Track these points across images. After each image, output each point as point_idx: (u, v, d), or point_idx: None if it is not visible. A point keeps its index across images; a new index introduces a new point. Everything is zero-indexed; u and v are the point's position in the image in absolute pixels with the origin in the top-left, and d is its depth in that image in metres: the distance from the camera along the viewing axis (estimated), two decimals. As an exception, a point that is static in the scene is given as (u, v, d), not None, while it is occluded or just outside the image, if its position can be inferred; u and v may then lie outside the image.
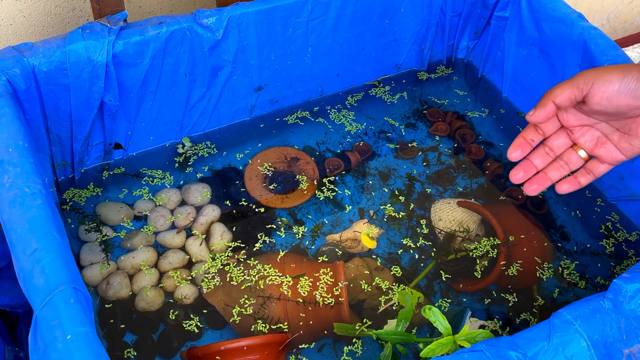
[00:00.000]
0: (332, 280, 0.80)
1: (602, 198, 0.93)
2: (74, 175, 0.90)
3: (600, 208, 0.92)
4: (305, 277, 0.80)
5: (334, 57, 0.98)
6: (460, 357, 0.54)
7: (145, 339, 0.76)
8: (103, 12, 0.82)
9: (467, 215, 0.89)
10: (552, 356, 0.54)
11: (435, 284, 0.83)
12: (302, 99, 1.03)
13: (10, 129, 0.65)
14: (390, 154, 0.99)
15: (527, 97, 1.03)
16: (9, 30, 0.95)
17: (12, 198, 0.59)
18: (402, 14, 0.99)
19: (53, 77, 0.76)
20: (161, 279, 0.81)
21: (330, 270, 0.81)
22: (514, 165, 0.63)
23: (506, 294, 0.83)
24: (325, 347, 0.77)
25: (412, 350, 0.75)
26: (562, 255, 0.87)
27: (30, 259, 0.54)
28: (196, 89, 0.90)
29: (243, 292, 0.79)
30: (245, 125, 1.00)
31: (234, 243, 0.85)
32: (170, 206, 0.89)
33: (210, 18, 0.83)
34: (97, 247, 0.83)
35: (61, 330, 0.50)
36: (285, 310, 0.77)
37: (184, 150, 0.95)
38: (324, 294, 0.79)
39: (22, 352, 0.76)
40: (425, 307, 0.66)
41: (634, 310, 0.57)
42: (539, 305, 0.82)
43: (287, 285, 0.79)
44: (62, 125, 0.82)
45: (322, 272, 0.81)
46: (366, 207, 0.91)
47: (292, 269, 0.81)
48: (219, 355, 0.69)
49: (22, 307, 0.77)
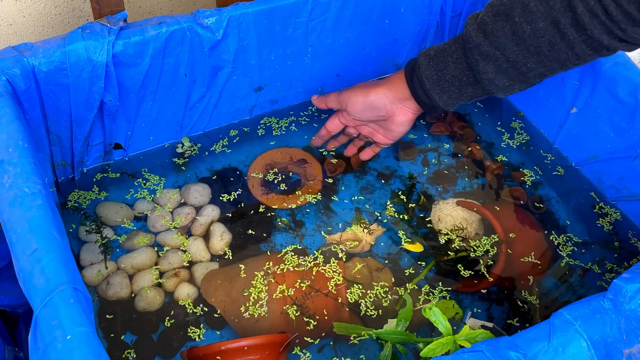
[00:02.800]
0: (331, 280, 0.80)
1: (602, 198, 0.93)
2: (74, 175, 0.90)
3: (600, 208, 0.92)
4: (305, 278, 0.80)
5: (334, 57, 0.98)
6: (460, 357, 0.54)
7: (145, 339, 0.76)
8: (103, 12, 0.82)
9: (467, 215, 0.89)
10: (552, 356, 0.54)
11: (436, 284, 0.83)
12: (302, 99, 1.03)
13: (10, 129, 0.65)
14: (390, 154, 0.99)
15: (527, 97, 1.03)
16: (9, 30, 0.95)
17: (12, 198, 0.59)
18: (402, 14, 0.99)
19: (53, 77, 0.76)
20: (161, 279, 0.81)
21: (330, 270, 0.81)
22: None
23: (506, 294, 0.83)
24: (325, 348, 0.77)
25: (412, 350, 0.75)
26: (561, 255, 0.87)
27: (30, 259, 0.54)
28: (196, 89, 0.90)
29: (243, 292, 0.79)
30: (245, 125, 1.00)
31: (234, 243, 0.85)
32: (170, 206, 0.89)
33: (210, 18, 0.83)
34: (97, 248, 0.83)
35: (61, 330, 0.50)
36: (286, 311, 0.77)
37: (184, 150, 0.95)
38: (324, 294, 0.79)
39: (22, 352, 0.76)
40: (425, 306, 0.66)
41: (634, 310, 0.57)
42: (539, 305, 0.82)
43: (286, 286, 0.79)
44: (62, 125, 0.82)
45: (322, 272, 0.81)
46: (366, 207, 0.91)
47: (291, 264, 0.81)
48: (220, 355, 0.69)
49: (22, 307, 0.77)
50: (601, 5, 0.63)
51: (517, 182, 0.96)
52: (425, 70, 0.77)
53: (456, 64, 0.75)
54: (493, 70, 0.72)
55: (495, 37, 0.70)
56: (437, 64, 0.76)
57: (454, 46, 0.75)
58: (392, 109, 0.83)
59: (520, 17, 0.68)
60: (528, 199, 0.93)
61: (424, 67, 0.77)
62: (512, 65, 0.71)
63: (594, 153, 0.93)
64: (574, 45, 0.67)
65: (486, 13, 0.72)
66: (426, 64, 0.77)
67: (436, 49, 0.77)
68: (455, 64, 0.75)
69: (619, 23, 0.63)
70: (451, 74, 0.75)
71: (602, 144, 0.91)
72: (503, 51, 0.71)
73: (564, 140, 0.97)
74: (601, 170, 0.93)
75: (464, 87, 0.76)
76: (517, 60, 0.71)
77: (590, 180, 0.95)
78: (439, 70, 0.76)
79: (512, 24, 0.69)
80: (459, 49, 0.74)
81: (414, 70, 0.79)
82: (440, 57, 0.76)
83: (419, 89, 0.79)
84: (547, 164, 0.98)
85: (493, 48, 0.71)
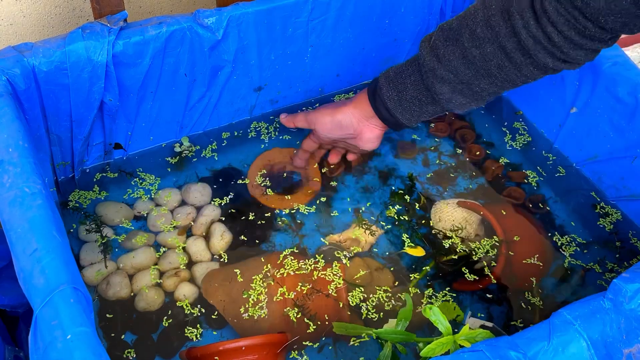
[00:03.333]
0: (332, 280, 0.80)
1: (602, 198, 0.93)
2: (74, 175, 0.90)
3: (600, 208, 0.92)
4: (306, 281, 0.80)
5: (334, 57, 0.98)
6: (460, 357, 0.54)
7: (145, 339, 0.76)
8: (103, 12, 0.82)
9: (467, 216, 0.89)
10: (552, 356, 0.54)
11: (436, 284, 0.83)
12: (302, 99, 1.03)
13: (10, 129, 0.65)
14: (390, 154, 0.99)
15: (527, 97, 1.03)
16: (9, 30, 0.95)
17: (12, 198, 0.59)
18: (402, 14, 0.99)
19: (53, 77, 0.76)
20: (161, 279, 0.81)
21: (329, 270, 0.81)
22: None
23: (506, 294, 0.83)
24: (325, 348, 0.77)
25: (412, 350, 0.75)
26: (562, 255, 0.87)
27: (30, 259, 0.54)
28: (196, 89, 0.90)
29: (243, 292, 0.79)
30: (245, 125, 1.00)
31: (234, 243, 0.85)
32: (170, 206, 0.89)
33: (210, 18, 0.83)
34: (97, 247, 0.83)
35: (61, 330, 0.50)
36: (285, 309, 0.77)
37: (183, 150, 0.95)
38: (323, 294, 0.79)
39: (22, 352, 0.76)
40: (425, 306, 0.66)
41: (634, 310, 0.57)
42: (538, 305, 0.82)
43: (286, 288, 0.79)
44: (62, 125, 0.82)
45: (321, 273, 0.81)
46: (366, 207, 0.91)
47: (292, 268, 0.81)
48: (218, 355, 0.69)
49: (22, 307, 0.77)
50: (543, 32, 0.67)
51: (516, 182, 0.96)
52: (386, 91, 0.80)
53: (414, 85, 0.78)
54: (449, 91, 0.76)
55: (447, 61, 0.74)
56: (397, 85, 0.79)
57: (411, 68, 0.79)
58: (360, 127, 0.85)
59: (469, 42, 0.72)
60: (528, 198, 0.93)
61: (385, 89, 0.80)
62: (467, 86, 0.75)
63: (594, 153, 0.93)
64: (521, 67, 0.71)
65: (438, 37, 0.75)
66: (387, 85, 0.80)
67: (395, 71, 0.80)
68: (414, 85, 0.78)
69: (561, 48, 0.67)
70: (410, 95, 0.79)
71: (602, 143, 0.91)
72: (456, 74, 0.74)
73: (564, 140, 0.97)
74: (601, 170, 0.93)
75: (424, 106, 0.79)
76: (470, 81, 0.74)
77: (590, 180, 0.95)
78: (399, 92, 0.79)
79: (462, 49, 0.73)
80: (415, 72, 0.78)
81: (375, 91, 0.82)
82: (399, 78, 0.79)
83: (382, 108, 0.82)
84: (547, 164, 0.98)
85: (447, 71, 0.74)
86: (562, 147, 0.98)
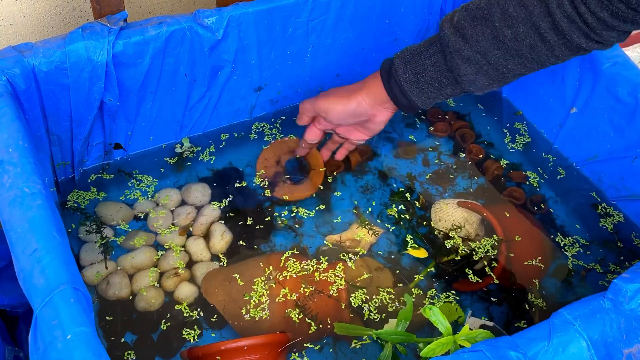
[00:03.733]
0: (332, 280, 0.80)
1: (602, 198, 0.93)
2: (74, 175, 0.90)
3: (600, 208, 0.92)
4: (307, 282, 0.80)
5: (334, 57, 0.98)
6: (460, 357, 0.54)
7: (145, 339, 0.76)
8: (103, 12, 0.82)
9: (467, 215, 0.89)
10: (552, 356, 0.54)
11: (436, 284, 0.83)
12: (302, 99, 1.03)
13: (10, 129, 0.65)
14: (390, 154, 0.99)
15: (527, 97, 1.03)
16: (9, 30, 0.95)
17: (12, 198, 0.59)
18: (402, 14, 0.99)
19: (53, 77, 0.76)
20: (161, 279, 0.81)
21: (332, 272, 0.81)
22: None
23: (506, 294, 0.83)
24: (325, 348, 0.77)
25: (413, 351, 0.75)
26: (562, 255, 0.87)
27: (30, 259, 0.54)
28: (196, 89, 0.90)
29: (243, 292, 0.79)
30: (246, 125, 1.00)
31: (235, 243, 0.85)
32: (170, 206, 0.89)
33: (210, 18, 0.83)
34: (97, 248, 0.83)
35: (61, 330, 0.50)
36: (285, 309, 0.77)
37: (183, 150, 0.95)
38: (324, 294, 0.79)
39: (22, 352, 0.76)
40: (425, 307, 0.66)
41: (634, 310, 0.57)
42: (539, 305, 0.82)
43: (288, 289, 0.79)
44: (62, 125, 0.82)
45: (321, 273, 0.81)
46: (366, 207, 0.91)
47: (294, 271, 0.81)
48: (219, 355, 0.69)
49: (22, 307, 0.77)
50: (577, 13, 0.66)
51: (516, 182, 0.96)
52: (403, 73, 0.78)
53: (435, 66, 0.76)
54: (473, 72, 0.74)
55: (475, 42, 0.72)
56: (415, 67, 0.78)
57: (431, 49, 0.77)
58: (372, 112, 0.85)
59: (500, 22, 0.70)
60: (528, 198, 0.93)
61: (401, 71, 0.79)
62: (493, 67, 0.74)
63: (594, 153, 0.93)
64: (554, 47, 0.70)
65: (463, 17, 0.74)
66: (403, 67, 0.78)
67: (412, 52, 0.79)
68: (434, 66, 0.76)
69: (594, 29, 0.67)
70: (430, 76, 0.77)
71: (602, 144, 0.91)
72: (484, 55, 0.73)
73: (564, 140, 0.97)
74: (601, 170, 0.93)
75: (443, 88, 0.78)
76: (498, 62, 0.73)
77: (590, 180, 0.95)
78: (417, 73, 0.78)
79: (493, 29, 0.71)
80: (437, 52, 0.76)
81: (390, 74, 0.80)
82: (417, 60, 0.78)
83: (398, 92, 0.80)
84: (547, 164, 0.98)
85: (474, 52, 0.73)
86: (562, 147, 0.98)
